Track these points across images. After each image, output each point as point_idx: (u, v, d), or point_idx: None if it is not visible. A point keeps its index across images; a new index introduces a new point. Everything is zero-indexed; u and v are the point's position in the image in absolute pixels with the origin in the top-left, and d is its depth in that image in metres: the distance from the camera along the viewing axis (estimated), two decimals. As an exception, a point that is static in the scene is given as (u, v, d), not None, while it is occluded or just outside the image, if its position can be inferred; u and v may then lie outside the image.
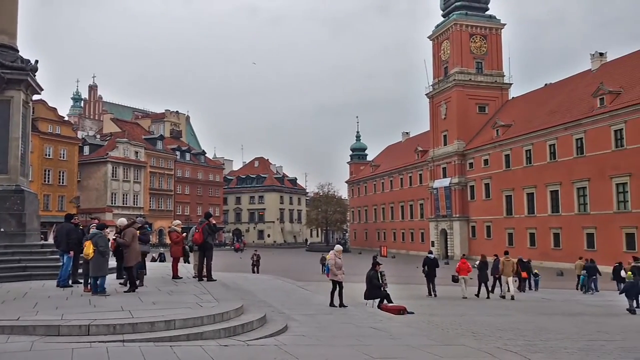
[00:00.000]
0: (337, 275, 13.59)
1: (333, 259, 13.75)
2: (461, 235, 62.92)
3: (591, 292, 25.91)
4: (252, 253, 37.11)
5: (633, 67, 45.71)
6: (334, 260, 13.70)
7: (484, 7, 68.44)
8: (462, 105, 64.25)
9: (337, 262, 13.64)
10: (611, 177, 42.71)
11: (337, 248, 14.33)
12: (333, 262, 13.70)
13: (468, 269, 21.19)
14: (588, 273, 26.63)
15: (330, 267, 13.87)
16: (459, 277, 20.92)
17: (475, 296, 20.85)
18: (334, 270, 13.69)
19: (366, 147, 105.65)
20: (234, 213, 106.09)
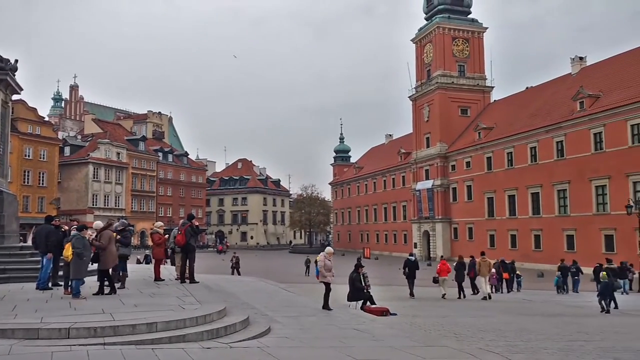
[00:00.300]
0: (327, 277, 13.63)
1: (323, 261, 13.78)
2: (443, 237, 63.35)
3: (564, 292, 26.38)
4: (232, 255, 37.02)
5: (612, 72, 46.46)
6: (324, 262, 13.73)
7: (467, 11, 69.06)
8: (444, 108, 64.72)
9: (326, 264, 13.67)
10: (591, 180, 43.33)
11: (328, 250, 14.38)
12: (322, 263, 13.74)
13: (448, 270, 21.54)
14: (570, 274, 27.08)
15: (320, 269, 13.90)
16: (440, 278, 21.22)
17: (458, 299, 21.09)
18: (323, 272, 13.71)
19: (350, 149, 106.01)
20: (216, 215, 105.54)
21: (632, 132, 40.01)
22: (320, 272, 13.88)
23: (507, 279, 27.63)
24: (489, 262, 22.65)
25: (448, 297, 20.60)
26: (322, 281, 13.72)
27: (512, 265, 28.79)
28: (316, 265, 37.45)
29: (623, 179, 40.34)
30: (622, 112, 40.62)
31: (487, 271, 21.94)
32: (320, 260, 14.00)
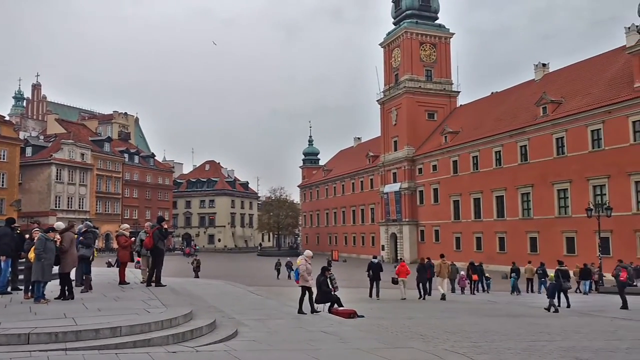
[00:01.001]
0: (309, 281, 13.63)
1: (304, 265, 13.77)
2: (410, 239, 63.99)
3: (518, 293, 27.18)
4: (193, 258, 36.56)
5: (573, 78, 47.74)
6: (305, 265, 13.73)
7: (434, 17, 70.01)
8: (412, 111, 65.45)
9: (307, 268, 13.69)
10: (553, 184, 44.41)
11: (307, 253, 14.41)
12: (304, 267, 13.73)
13: (407, 271, 22.00)
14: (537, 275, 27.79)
15: (302, 273, 13.89)
16: (399, 279, 21.68)
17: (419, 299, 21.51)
18: (305, 277, 13.71)
19: (319, 152, 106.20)
20: (183, 217, 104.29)
21: (592, 137, 41.18)
22: (301, 277, 13.88)
23: (476, 281, 28.21)
24: (448, 264, 23.42)
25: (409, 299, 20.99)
26: (303, 285, 13.72)
27: (481, 267, 29.40)
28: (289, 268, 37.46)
29: (584, 182, 41.47)
30: (583, 118, 41.79)
31: (446, 273, 22.67)
32: (302, 264, 13.98)
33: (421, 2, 68.83)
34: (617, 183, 38.86)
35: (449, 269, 23.37)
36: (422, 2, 68.90)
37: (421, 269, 22.46)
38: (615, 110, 39.29)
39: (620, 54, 43.17)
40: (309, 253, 14.49)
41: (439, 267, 22.58)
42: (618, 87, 40.77)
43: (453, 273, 25.98)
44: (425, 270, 22.50)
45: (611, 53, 46.17)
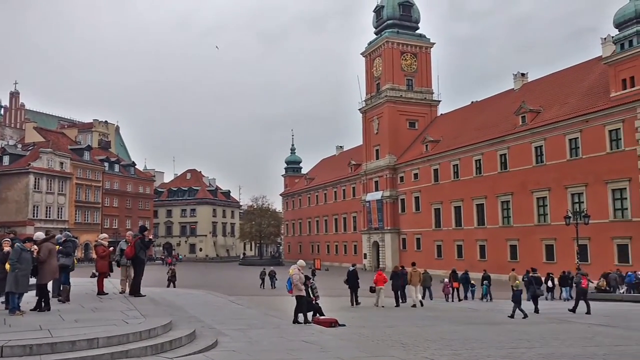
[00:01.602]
0: (302, 291, 13.63)
1: (298, 274, 13.76)
2: (392, 248, 64.19)
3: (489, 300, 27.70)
4: (168, 268, 36.22)
5: (551, 88, 48.50)
6: (299, 275, 13.73)
7: (415, 27, 70.68)
8: (393, 120, 65.88)
9: (301, 277, 13.70)
10: (532, 192, 44.95)
11: (300, 263, 14.48)
12: (298, 277, 13.73)
13: (384, 279, 22.42)
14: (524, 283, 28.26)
15: (296, 283, 13.87)
16: (376, 287, 22.07)
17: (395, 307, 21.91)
18: (299, 286, 13.71)
19: (301, 160, 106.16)
20: (164, 226, 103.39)
21: (570, 146, 41.84)
22: (295, 286, 13.86)
23: (457, 288, 28.49)
24: (419, 272, 24.01)
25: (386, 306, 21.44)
26: (297, 295, 13.73)
27: (466, 275, 29.85)
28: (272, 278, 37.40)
29: (562, 190, 42.06)
30: (561, 127, 42.44)
31: (417, 280, 23.14)
32: (295, 274, 13.98)
33: (402, 12, 69.46)
34: (595, 191, 39.49)
35: (420, 276, 23.89)
36: (403, 12, 69.54)
37: (395, 277, 22.94)
38: (592, 119, 39.99)
39: (597, 65, 43.98)
40: (301, 262, 14.58)
41: (410, 275, 23.08)
42: (595, 96, 41.51)
43: (425, 281, 26.41)
44: (399, 277, 22.96)
45: (588, 63, 47.04)
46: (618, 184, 38.01)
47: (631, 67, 37.38)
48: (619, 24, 39.04)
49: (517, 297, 18.61)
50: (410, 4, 70.43)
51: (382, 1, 71.06)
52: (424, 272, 26.67)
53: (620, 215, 38.05)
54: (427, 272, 28.32)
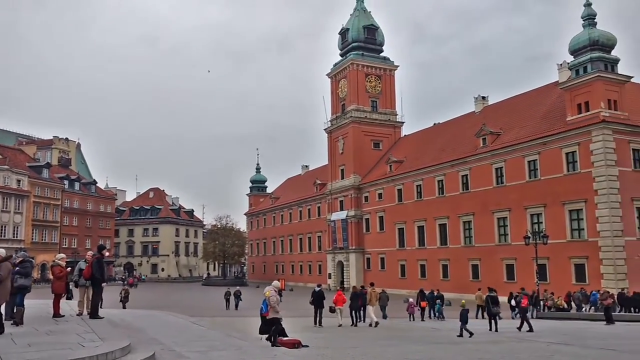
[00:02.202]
0: (279, 313, 13.64)
1: (275, 296, 13.81)
2: (357, 267, 64.31)
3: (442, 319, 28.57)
4: (121, 288, 35.52)
5: (510, 111, 49.84)
6: (277, 297, 13.81)
7: (379, 49, 71.91)
8: (358, 141, 66.53)
9: (278, 299, 13.76)
10: (493, 212, 45.84)
11: (276, 284, 14.57)
12: (276, 299, 13.80)
13: (343, 300, 22.92)
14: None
15: (273, 305, 13.86)
16: (336, 307, 22.52)
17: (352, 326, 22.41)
18: (276, 308, 13.71)
19: (266, 179, 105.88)
20: (126, 246, 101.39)
21: (529, 167, 42.95)
22: (272, 308, 13.85)
23: (424, 307, 29.15)
24: (377, 292, 24.76)
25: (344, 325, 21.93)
26: (274, 317, 13.70)
27: (433, 295, 30.22)
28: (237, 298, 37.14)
29: (522, 211, 43.04)
30: (520, 149, 43.57)
31: (375, 300, 23.85)
32: (272, 295, 14.00)
33: (367, 35, 70.66)
34: (553, 212, 40.53)
35: (378, 296, 24.54)
36: (368, 36, 70.75)
37: (354, 297, 23.45)
38: (549, 142, 41.20)
39: (554, 89, 45.47)
40: (277, 284, 14.67)
41: (369, 295, 23.60)
42: (552, 120, 42.85)
43: (383, 300, 26.83)
44: (358, 298, 23.47)
45: (545, 88, 48.59)
46: (575, 205, 39.12)
47: (586, 93, 38.79)
48: (574, 51, 40.55)
49: (463, 316, 19.07)
50: (375, 28, 71.74)
51: (348, 24, 72.18)
52: (381, 291, 27.20)
53: (577, 235, 39.09)
54: (384, 291, 28.68)
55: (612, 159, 37.12)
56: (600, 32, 39.50)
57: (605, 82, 38.09)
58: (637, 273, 36.14)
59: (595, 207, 37.27)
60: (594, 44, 39.04)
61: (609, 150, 37.13)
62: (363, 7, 73.08)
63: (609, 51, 39.52)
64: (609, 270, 36.14)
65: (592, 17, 40.08)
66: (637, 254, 36.46)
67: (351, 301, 23.30)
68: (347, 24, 72.32)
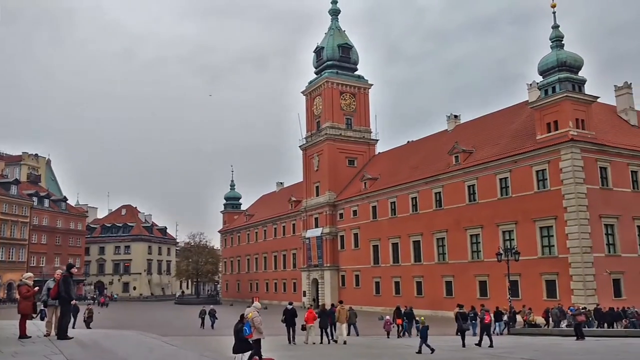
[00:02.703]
0: (263, 333, 13.64)
1: (259, 317, 13.87)
2: (332, 285, 64.14)
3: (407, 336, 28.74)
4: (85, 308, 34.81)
5: (482, 129, 50.73)
6: (260, 318, 13.86)
7: (354, 68, 72.72)
8: (333, 158, 66.84)
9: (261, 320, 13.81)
10: (466, 229, 46.34)
11: (256, 305, 14.65)
12: (259, 320, 13.87)
13: (314, 317, 23.28)
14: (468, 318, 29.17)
15: (257, 326, 13.92)
16: (306, 325, 22.89)
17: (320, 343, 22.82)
18: (260, 329, 13.72)
19: (240, 197, 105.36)
20: (97, 264, 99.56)
21: (501, 185, 43.65)
22: (257, 329, 13.91)
23: (400, 324, 29.35)
24: (346, 309, 25.13)
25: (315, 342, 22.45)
26: (257, 338, 13.72)
27: (411, 312, 30.38)
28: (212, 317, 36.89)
29: (494, 228, 43.62)
30: (492, 166, 44.29)
31: (344, 318, 24.21)
32: (256, 317, 14.07)
33: (342, 54, 71.42)
34: (524, 229, 41.16)
35: (346, 314, 24.89)
36: (343, 54, 71.51)
37: (322, 315, 23.93)
38: (520, 160, 41.98)
39: (524, 108, 46.47)
40: (257, 305, 14.83)
41: (338, 313, 24.01)
42: (523, 138, 43.71)
43: (351, 317, 27.17)
44: (327, 316, 23.94)
45: (516, 107, 49.62)
46: (545, 222, 39.80)
47: (554, 112, 39.74)
48: (543, 71, 41.59)
49: (423, 333, 19.49)
50: (350, 47, 72.58)
51: (323, 42, 72.89)
52: (349, 309, 27.53)
53: (547, 252, 39.71)
54: (352, 309, 29.00)
55: (580, 177, 37.97)
56: (567, 54, 40.65)
57: (572, 102, 39.11)
58: (605, 288, 36.92)
59: (565, 224, 37.98)
60: (562, 65, 40.13)
61: (577, 168, 37.99)
62: (338, 26, 73.97)
63: (576, 72, 40.65)
64: (579, 286, 36.75)
65: (559, 39, 41.24)
66: (605, 269, 37.25)
67: (320, 319, 23.69)
68: (322, 42, 73.03)
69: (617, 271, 37.85)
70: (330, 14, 74.65)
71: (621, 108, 46.40)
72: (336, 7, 74.62)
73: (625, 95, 46.29)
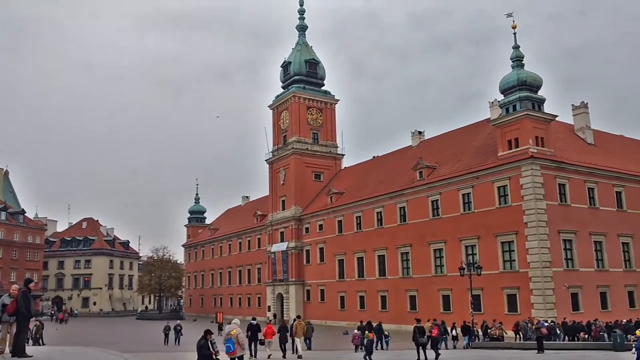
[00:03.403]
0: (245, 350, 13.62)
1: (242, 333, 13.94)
2: (297, 299, 63.90)
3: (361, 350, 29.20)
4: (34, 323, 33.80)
5: (445, 146, 51.67)
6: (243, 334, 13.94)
7: (320, 83, 73.33)
8: (299, 172, 66.97)
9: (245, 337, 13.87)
10: (429, 243, 46.94)
11: (236, 321, 14.87)
12: (243, 336, 13.95)
13: (273, 332, 23.96)
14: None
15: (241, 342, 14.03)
16: (265, 340, 23.41)
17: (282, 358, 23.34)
18: (243, 345, 13.72)
19: (205, 210, 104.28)
20: (55, 279, 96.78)
21: (463, 200, 44.45)
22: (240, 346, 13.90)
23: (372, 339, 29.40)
24: (303, 324, 26.00)
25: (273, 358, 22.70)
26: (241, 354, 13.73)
27: (380, 326, 30.74)
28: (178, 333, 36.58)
29: (457, 243, 44.30)
30: (455, 182, 45.09)
31: (301, 332, 25.03)
32: (240, 333, 14.15)
33: (308, 69, 71.97)
34: (486, 243, 41.95)
35: (304, 328, 25.63)
36: (309, 69, 72.07)
37: (282, 330, 24.73)
38: (482, 176, 42.88)
39: (486, 126, 47.59)
40: (237, 321, 14.88)
41: (295, 328, 24.80)
42: (485, 155, 44.70)
43: (308, 332, 27.82)
44: (286, 330, 24.77)
45: (478, 124, 50.78)
46: (506, 237, 40.64)
47: (515, 130, 40.81)
48: (504, 90, 42.75)
49: (368, 347, 20.06)
50: (316, 62, 73.21)
51: (290, 57, 73.31)
52: (307, 323, 28.32)
53: (509, 266, 40.49)
54: (309, 323, 29.60)
55: (540, 193, 38.99)
56: (527, 73, 41.91)
57: (532, 120, 40.26)
58: (564, 302, 37.84)
59: (526, 239, 38.84)
60: (522, 84, 41.33)
61: (537, 184, 39.01)
62: (305, 41, 74.59)
63: (536, 91, 41.92)
64: (539, 300, 37.54)
65: (520, 59, 42.53)
66: (564, 284, 38.21)
67: (279, 334, 24.33)
68: (290, 57, 73.46)
69: (575, 285, 38.88)
70: (298, 30, 75.28)
71: (578, 127, 48.05)
72: (303, 23, 75.33)
73: (582, 115, 47.98)
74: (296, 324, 25.12)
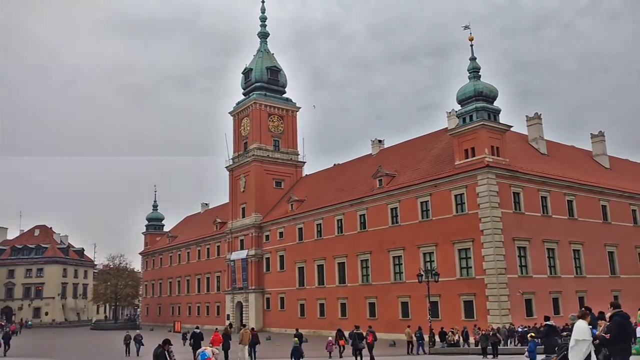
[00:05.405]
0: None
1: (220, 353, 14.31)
2: (256, 307, 63.43)
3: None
4: None
5: (404, 154, 52.40)
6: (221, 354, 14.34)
7: (282, 91, 73.33)
8: (260, 179, 66.67)
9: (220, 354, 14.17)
10: (389, 250, 47.39)
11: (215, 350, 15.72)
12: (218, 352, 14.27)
13: (220, 340, 25.16)
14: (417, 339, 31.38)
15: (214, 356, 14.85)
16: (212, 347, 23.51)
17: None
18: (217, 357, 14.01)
19: (163, 218, 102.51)
20: (5, 288, 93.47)
21: (422, 208, 45.08)
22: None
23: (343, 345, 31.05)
24: (249, 332, 27.05)
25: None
26: None
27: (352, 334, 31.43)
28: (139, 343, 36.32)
29: (415, 250, 44.85)
30: (413, 190, 45.70)
31: (247, 340, 26.01)
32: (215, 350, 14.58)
33: (270, 76, 71.88)
34: (444, 250, 42.62)
35: (249, 336, 26.50)
36: (271, 77, 72.00)
37: (226, 338, 25.78)
38: (440, 184, 43.61)
39: (443, 135, 48.48)
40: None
41: (241, 336, 25.87)
42: (442, 164, 45.51)
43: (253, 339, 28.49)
44: (230, 338, 25.92)
45: (436, 134, 51.68)
46: (463, 244, 41.39)
47: (472, 139, 41.71)
48: (461, 101, 43.69)
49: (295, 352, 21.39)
50: (278, 70, 73.22)
51: (251, 64, 73.09)
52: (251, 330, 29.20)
53: (465, 273, 41.22)
54: (254, 329, 30.64)
55: (495, 201, 39.92)
56: (483, 85, 42.98)
57: (488, 130, 41.26)
58: (518, 308, 38.76)
59: (482, 246, 39.66)
60: (478, 95, 42.34)
61: (492, 193, 39.93)
62: (266, 48, 74.54)
63: (492, 102, 43.01)
64: (494, 306, 38.31)
65: (477, 70, 43.58)
66: (518, 290, 39.14)
67: (223, 341, 25.41)
68: (251, 64, 73.24)
69: (529, 291, 39.90)
70: (260, 37, 75.19)
71: (532, 137, 49.53)
72: (265, 30, 75.30)
73: (536, 126, 49.51)
74: (242, 332, 26.08)
